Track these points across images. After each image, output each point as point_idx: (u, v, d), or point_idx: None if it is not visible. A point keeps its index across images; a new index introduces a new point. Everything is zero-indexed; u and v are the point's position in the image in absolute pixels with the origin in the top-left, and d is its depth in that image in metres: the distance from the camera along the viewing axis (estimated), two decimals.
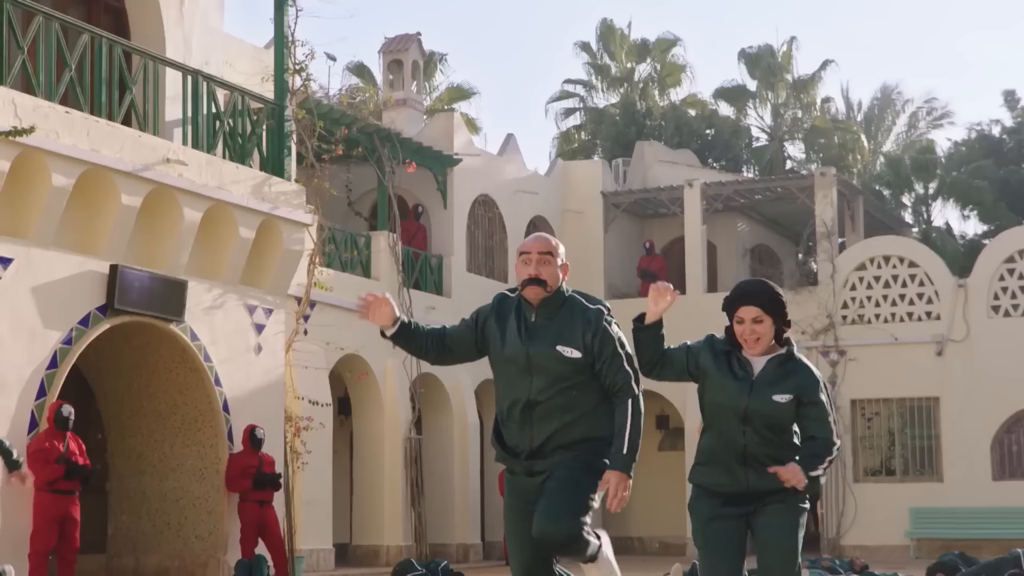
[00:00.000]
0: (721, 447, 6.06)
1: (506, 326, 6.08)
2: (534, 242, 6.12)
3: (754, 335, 6.00)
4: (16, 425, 12.94)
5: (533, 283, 6.01)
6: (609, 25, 42.21)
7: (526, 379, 6.01)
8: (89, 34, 14.15)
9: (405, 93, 26.17)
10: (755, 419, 5.98)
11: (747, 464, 5.99)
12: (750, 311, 6.03)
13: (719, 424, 6.05)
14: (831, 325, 25.93)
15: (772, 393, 5.98)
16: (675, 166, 30.69)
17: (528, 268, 6.03)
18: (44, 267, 13.36)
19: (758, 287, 6.12)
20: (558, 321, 6.01)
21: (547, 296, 6.03)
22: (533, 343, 5.99)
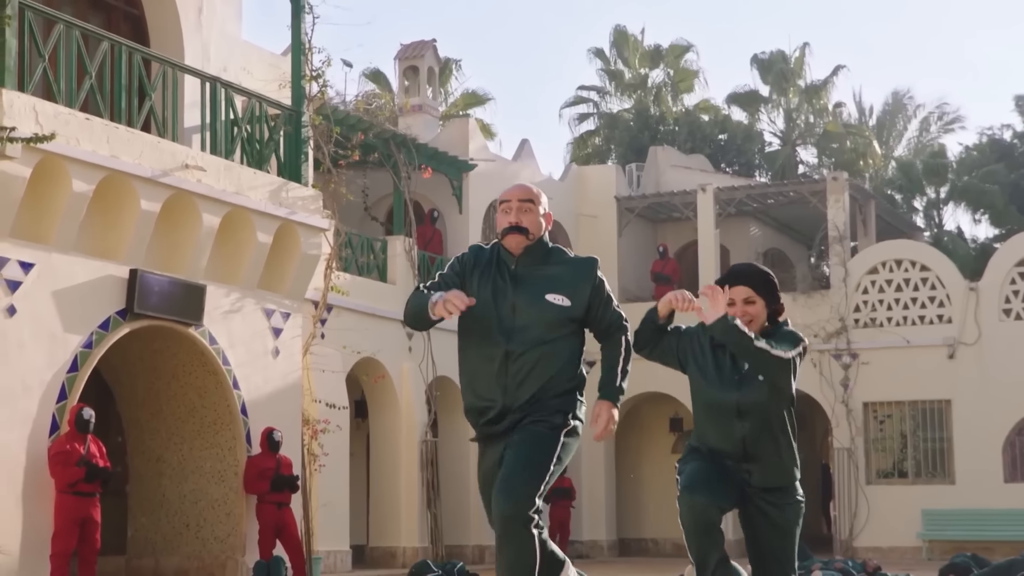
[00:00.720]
0: (717, 443, 5.93)
1: (488, 277, 5.74)
2: (514, 190, 5.87)
3: (746, 317, 5.82)
4: (37, 428, 12.98)
5: (514, 231, 5.71)
6: (622, 31, 42.21)
7: (505, 331, 5.65)
8: (109, 42, 14.19)
9: (421, 99, 26.20)
10: (751, 412, 5.87)
11: (749, 460, 5.86)
12: (741, 291, 5.87)
13: (709, 422, 5.94)
14: (843, 328, 25.87)
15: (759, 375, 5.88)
16: (688, 171, 30.66)
17: (509, 216, 5.75)
18: (65, 272, 13.39)
19: (748, 268, 5.98)
20: (546, 271, 5.73)
21: (529, 245, 5.73)
22: (519, 293, 5.68)
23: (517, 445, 5.59)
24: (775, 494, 5.91)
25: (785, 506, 5.94)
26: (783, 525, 5.93)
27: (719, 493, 5.76)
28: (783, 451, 5.93)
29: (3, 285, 12.67)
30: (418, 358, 21.98)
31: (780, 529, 5.93)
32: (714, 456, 5.88)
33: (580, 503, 25.60)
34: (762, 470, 5.87)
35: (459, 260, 5.85)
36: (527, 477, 5.52)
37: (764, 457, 5.85)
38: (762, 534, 5.93)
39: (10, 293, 12.76)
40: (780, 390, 5.95)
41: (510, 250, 5.73)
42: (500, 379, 5.65)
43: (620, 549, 27.24)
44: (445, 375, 22.43)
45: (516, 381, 5.64)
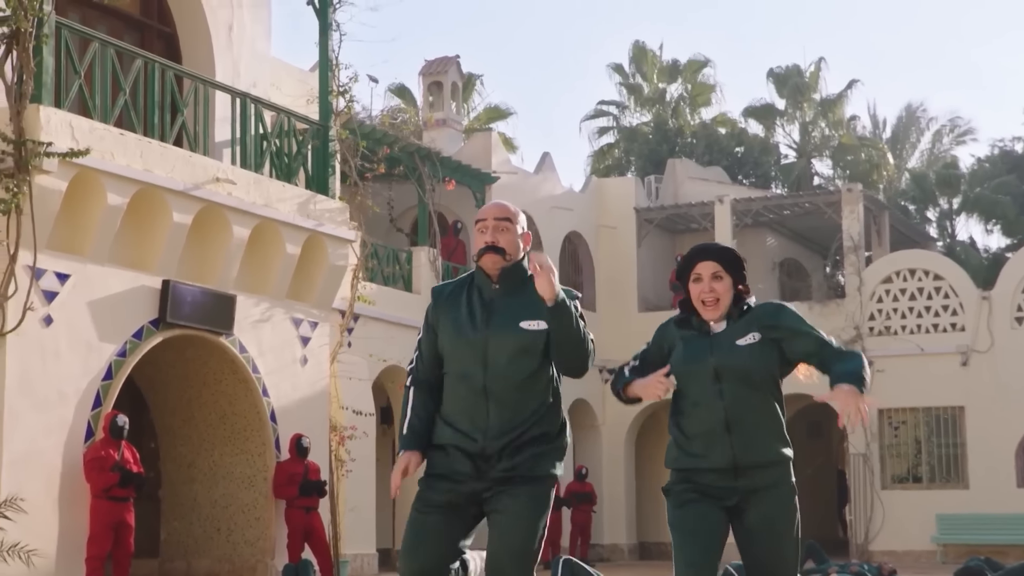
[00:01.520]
0: (699, 420, 5.29)
1: (459, 310, 5.29)
2: (490, 208, 5.40)
3: (712, 294, 5.33)
4: (73, 434, 13.04)
5: (490, 251, 5.25)
6: (641, 47, 42.25)
7: (481, 362, 5.19)
8: (143, 59, 14.27)
9: (444, 113, 26.25)
10: (725, 375, 5.26)
11: (731, 432, 5.23)
12: (708, 266, 5.36)
13: (692, 394, 5.30)
14: (858, 336, 25.81)
15: (735, 340, 5.31)
16: (706, 183, 30.64)
17: (484, 236, 5.29)
18: (99, 282, 13.46)
19: (715, 245, 5.52)
20: (522, 297, 5.22)
21: (507, 267, 5.27)
22: (492, 322, 5.21)
23: (504, 523, 5.15)
24: (770, 474, 5.25)
25: (773, 491, 5.27)
26: (774, 520, 5.27)
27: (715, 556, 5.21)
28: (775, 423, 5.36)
29: (40, 296, 12.74)
30: None
31: (772, 528, 5.27)
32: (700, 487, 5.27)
33: (601, 507, 25.58)
34: (745, 439, 5.25)
35: (430, 307, 5.47)
36: (521, 564, 5.14)
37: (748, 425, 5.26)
38: (752, 538, 5.30)
39: (47, 303, 12.83)
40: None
41: (486, 272, 5.30)
42: (479, 411, 5.20)
43: (641, 553, 27.19)
44: None
45: (498, 413, 5.19)
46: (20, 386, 12.49)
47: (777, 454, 5.30)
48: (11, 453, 12.31)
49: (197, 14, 16.19)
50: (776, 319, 5.41)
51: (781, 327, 5.40)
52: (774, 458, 5.28)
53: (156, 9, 16.28)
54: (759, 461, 5.25)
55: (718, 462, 5.23)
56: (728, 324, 5.39)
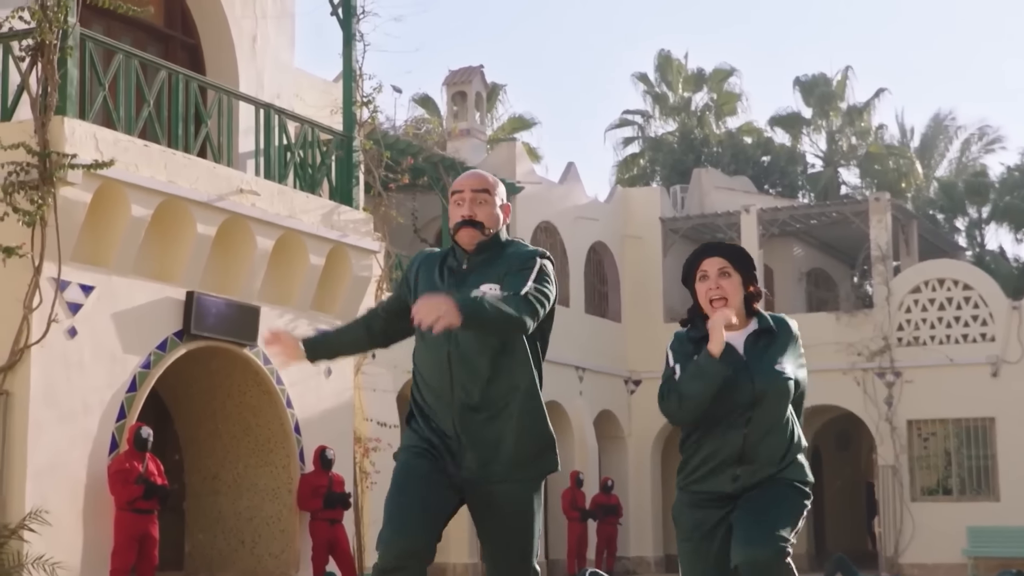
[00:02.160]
0: (715, 450, 4.95)
1: (432, 278, 5.00)
2: (467, 178, 5.07)
3: (719, 291, 4.97)
4: (97, 446, 13.08)
5: (467, 225, 4.94)
6: (666, 56, 42.25)
7: (447, 334, 4.73)
8: (167, 71, 14.33)
9: (468, 123, 26.29)
10: (763, 405, 4.90)
11: (742, 461, 4.94)
12: (714, 263, 5.01)
13: (709, 423, 4.94)
14: (887, 347, 25.71)
15: (772, 364, 4.93)
16: (732, 192, 30.60)
17: (461, 209, 4.97)
18: (124, 294, 13.50)
19: (721, 243, 5.18)
20: (494, 267, 4.90)
21: (484, 240, 4.94)
22: (459, 286, 4.86)
23: (497, 535, 5.00)
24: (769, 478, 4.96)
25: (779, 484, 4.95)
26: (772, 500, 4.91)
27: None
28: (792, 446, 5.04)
29: (65, 307, 12.79)
30: None
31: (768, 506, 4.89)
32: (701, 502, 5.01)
33: (627, 520, 25.52)
34: (750, 471, 4.97)
35: (404, 271, 5.21)
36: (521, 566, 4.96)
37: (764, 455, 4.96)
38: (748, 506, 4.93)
39: (71, 315, 12.89)
40: None
41: (463, 246, 4.97)
42: (446, 384, 4.88)
43: (667, 565, 27.12)
44: None
45: (466, 380, 4.85)
46: (45, 398, 12.54)
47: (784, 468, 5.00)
48: (36, 465, 12.35)
49: (221, 25, 16.25)
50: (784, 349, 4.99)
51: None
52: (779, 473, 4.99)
53: (180, 21, 16.35)
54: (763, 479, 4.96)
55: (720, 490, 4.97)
56: (747, 341, 4.98)
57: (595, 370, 25.94)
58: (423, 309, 4.43)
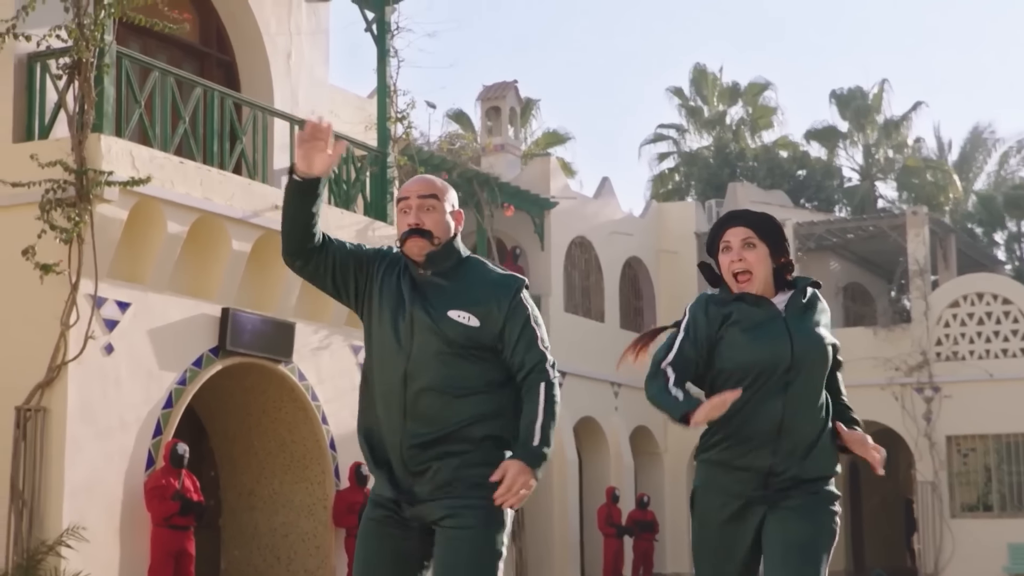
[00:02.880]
0: (750, 419, 4.50)
1: (391, 287, 4.53)
2: (414, 184, 4.60)
3: (743, 264, 4.53)
4: (134, 463, 13.15)
5: (414, 235, 4.49)
6: (701, 70, 42.21)
7: (403, 350, 4.41)
8: (202, 88, 14.42)
9: (503, 139, 26.33)
10: (803, 371, 4.50)
11: (780, 433, 4.52)
12: (738, 232, 4.56)
13: (745, 390, 4.48)
14: (925, 362, 25.57)
15: (814, 327, 4.56)
16: (767, 207, 30.46)
17: (407, 217, 4.52)
18: (160, 311, 13.57)
19: (746, 211, 4.70)
20: (456, 283, 4.48)
21: (434, 251, 4.50)
22: (417, 304, 4.44)
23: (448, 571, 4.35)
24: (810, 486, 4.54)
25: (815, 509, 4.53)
26: (808, 537, 4.49)
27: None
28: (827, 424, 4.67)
29: (101, 324, 12.88)
30: None
31: (803, 545, 4.47)
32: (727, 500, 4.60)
33: (663, 536, 25.43)
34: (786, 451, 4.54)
35: (375, 252, 4.67)
36: None
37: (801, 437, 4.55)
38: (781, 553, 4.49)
39: (108, 332, 12.97)
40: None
41: (411, 258, 4.53)
42: (399, 411, 4.39)
43: None
44: None
45: (419, 411, 4.38)
46: (82, 414, 12.62)
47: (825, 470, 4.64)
48: (73, 482, 12.42)
49: (256, 42, 16.35)
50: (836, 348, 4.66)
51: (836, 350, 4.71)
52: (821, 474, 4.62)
53: (216, 38, 16.46)
54: (800, 476, 4.56)
55: (757, 465, 4.56)
56: (791, 300, 4.61)
57: (631, 386, 25.85)
58: (509, 495, 4.20)
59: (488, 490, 4.26)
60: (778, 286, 4.62)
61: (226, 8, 16.26)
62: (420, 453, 4.35)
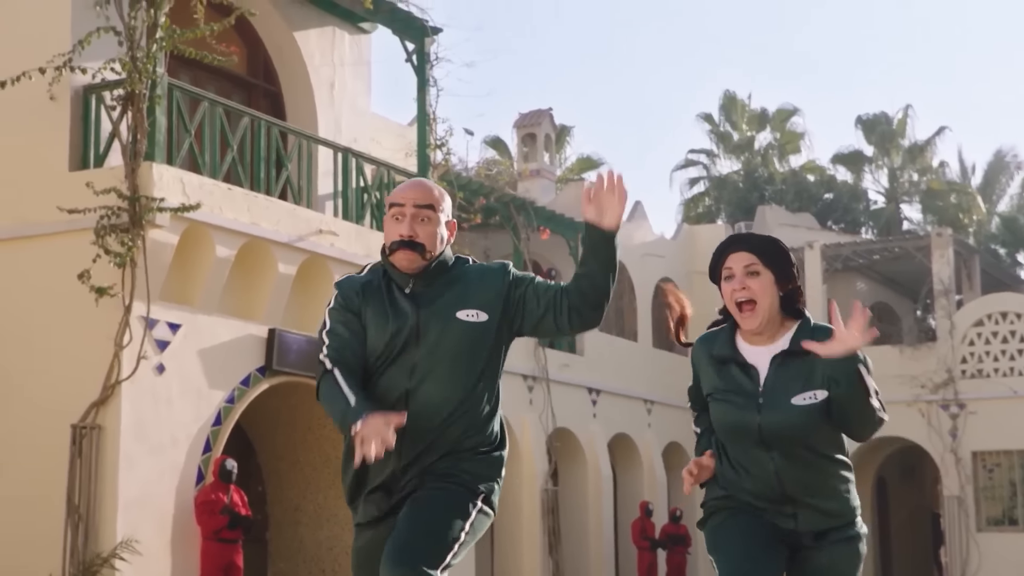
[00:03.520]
0: (750, 483, 4.17)
1: (380, 303, 4.13)
2: (410, 190, 4.14)
3: (747, 295, 4.10)
4: (184, 478, 13.21)
5: (406, 247, 4.07)
6: (731, 97, 42.19)
7: (406, 362, 4.04)
8: (249, 117, 14.51)
9: (538, 164, 26.37)
10: (775, 441, 4.07)
11: (790, 502, 4.14)
12: (741, 258, 4.13)
13: (739, 452, 4.17)
14: (951, 379, 25.40)
15: (790, 397, 4.06)
16: (795, 229, 30.43)
17: (399, 226, 4.08)
18: (209, 332, 13.65)
19: (750, 234, 4.28)
20: (453, 287, 4.12)
21: (425, 267, 4.11)
22: (422, 310, 4.07)
23: (414, 507, 4.00)
24: (841, 531, 4.20)
25: (840, 545, 4.17)
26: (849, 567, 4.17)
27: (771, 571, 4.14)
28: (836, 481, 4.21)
29: (153, 345, 12.96)
30: (538, 410, 22.00)
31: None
32: (744, 507, 4.22)
33: (696, 549, 25.31)
34: (814, 511, 4.17)
35: (343, 296, 4.24)
36: (429, 544, 3.91)
37: (813, 495, 4.15)
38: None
39: (159, 352, 13.05)
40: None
41: (400, 269, 4.12)
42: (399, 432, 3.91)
43: None
44: (564, 426, 22.42)
45: (421, 434, 4.03)
46: (135, 432, 12.69)
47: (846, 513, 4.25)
48: (126, 497, 12.49)
49: (301, 73, 16.46)
50: (846, 374, 4.00)
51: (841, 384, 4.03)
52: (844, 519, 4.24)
53: (262, 69, 16.58)
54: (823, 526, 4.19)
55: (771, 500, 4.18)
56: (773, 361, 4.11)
57: (663, 403, 25.81)
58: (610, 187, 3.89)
59: (471, 478, 4.13)
60: (787, 313, 4.21)
61: (273, 41, 16.38)
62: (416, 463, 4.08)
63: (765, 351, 4.17)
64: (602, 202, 3.96)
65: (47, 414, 12.62)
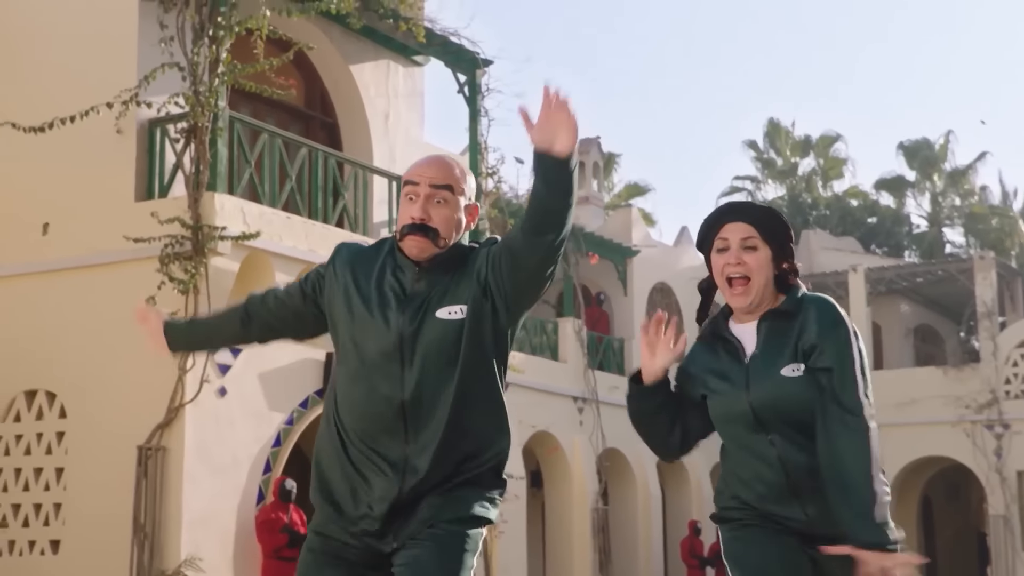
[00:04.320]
0: (752, 482, 3.62)
1: (368, 289, 3.59)
2: (426, 168, 3.60)
3: (740, 268, 3.58)
4: (246, 498, 13.27)
5: (418, 232, 3.50)
6: (775, 124, 42.07)
7: (395, 369, 3.46)
8: (307, 148, 14.62)
9: (586, 191, 26.39)
10: (771, 420, 3.54)
11: (797, 494, 3.57)
12: (738, 229, 3.60)
13: (737, 444, 3.69)
14: (995, 400, 25.11)
15: (779, 368, 3.53)
16: (839, 252, 30.26)
17: (412, 208, 3.52)
18: (269, 356, 13.71)
19: (747, 203, 3.74)
20: (449, 282, 3.54)
21: (438, 255, 3.52)
22: (407, 312, 3.49)
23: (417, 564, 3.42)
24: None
25: None
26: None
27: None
28: None
29: (215, 369, 13.05)
30: (589, 431, 21.96)
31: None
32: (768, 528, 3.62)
33: None
34: (820, 506, 3.54)
35: (315, 269, 3.88)
36: None
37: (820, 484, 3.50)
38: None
39: (221, 376, 13.13)
40: None
41: (409, 256, 3.55)
42: (395, 440, 3.46)
43: None
44: (614, 447, 22.36)
45: (420, 443, 3.47)
46: (198, 453, 12.77)
47: None
48: (190, 515, 12.57)
49: (356, 105, 16.57)
50: (822, 342, 3.49)
51: (822, 356, 3.50)
52: None
53: (319, 102, 16.70)
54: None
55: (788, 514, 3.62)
56: (760, 327, 3.60)
57: None
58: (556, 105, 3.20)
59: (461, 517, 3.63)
60: (779, 291, 3.66)
61: (329, 74, 16.51)
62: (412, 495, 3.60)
63: (749, 327, 3.67)
64: (552, 123, 3.30)
65: (114, 436, 12.73)
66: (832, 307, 3.59)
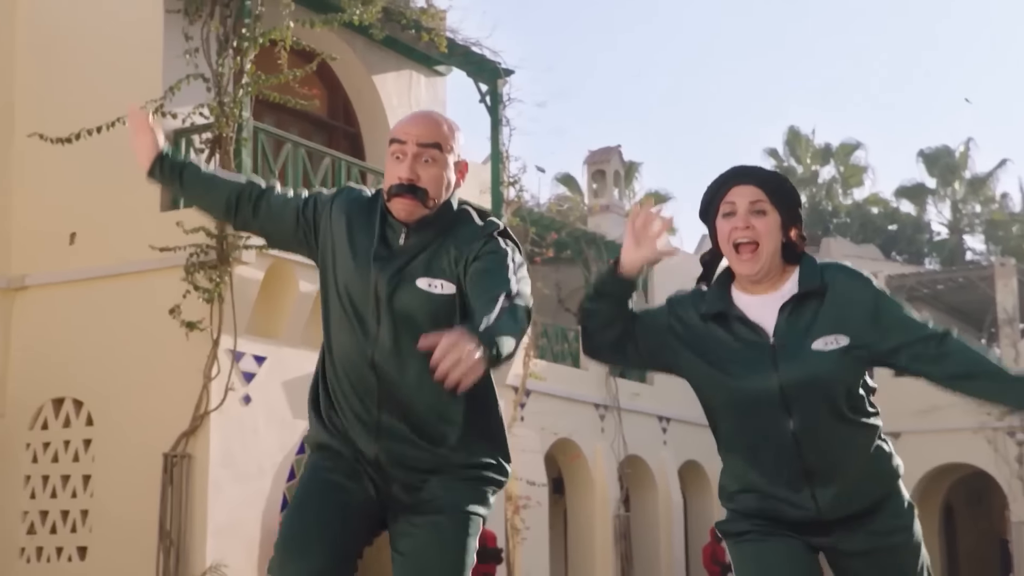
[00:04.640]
0: (761, 465, 3.38)
1: (358, 239, 3.49)
2: (413, 125, 3.44)
3: (750, 235, 3.32)
4: (270, 504, 13.28)
5: (406, 193, 3.40)
6: (795, 132, 41.98)
7: (370, 324, 3.43)
8: (330, 158, 14.63)
9: (608, 199, 26.38)
10: (797, 399, 3.27)
11: (807, 478, 3.33)
12: (747, 192, 3.35)
13: (747, 427, 3.40)
14: None
15: (809, 343, 3.28)
16: (860, 260, 30.14)
17: (399, 167, 3.40)
18: (293, 363, 13.72)
19: (760, 168, 3.48)
20: (436, 245, 3.45)
21: (428, 216, 3.44)
22: (386, 270, 3.41)
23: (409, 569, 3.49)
24: (867, 525, 3.34)
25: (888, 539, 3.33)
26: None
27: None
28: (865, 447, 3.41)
29: (240, 376, 13.07)
30: (610, 438, 21.90)
31: None
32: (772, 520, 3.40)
33: None
34: (837, 488, 3.34)
35: (317, 193, 3.69)
36: None
37: (836, 466, 3.33)
38: None
39: (246, 384, 13.15)
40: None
41: (397, 217, 3.45)
42: (365, 399, 3.46)
43: None
44: (635, 454, 22.30)
45: (388, 408, 3.44)
46: (223, 460, 12.79)
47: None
48: (215, 522, 12.58)
49: (379, 115, 16.59)
50: (876, 313, 3.34)
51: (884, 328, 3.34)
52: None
53: (342, 112, 16.73)
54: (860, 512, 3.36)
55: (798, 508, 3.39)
56: (784, 309, 3.32)
57: None
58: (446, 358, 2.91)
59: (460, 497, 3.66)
60: (787, 260, 3.39)
61: (352, 85, 16.53)
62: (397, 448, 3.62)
63: (769, 299, 3.37)
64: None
65: (140, 444, 12.76)
66: (860, 276, 3.46)
